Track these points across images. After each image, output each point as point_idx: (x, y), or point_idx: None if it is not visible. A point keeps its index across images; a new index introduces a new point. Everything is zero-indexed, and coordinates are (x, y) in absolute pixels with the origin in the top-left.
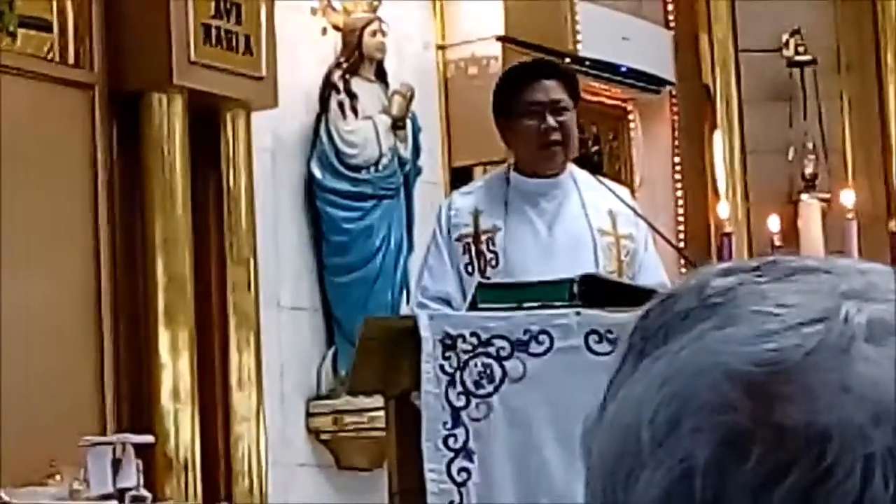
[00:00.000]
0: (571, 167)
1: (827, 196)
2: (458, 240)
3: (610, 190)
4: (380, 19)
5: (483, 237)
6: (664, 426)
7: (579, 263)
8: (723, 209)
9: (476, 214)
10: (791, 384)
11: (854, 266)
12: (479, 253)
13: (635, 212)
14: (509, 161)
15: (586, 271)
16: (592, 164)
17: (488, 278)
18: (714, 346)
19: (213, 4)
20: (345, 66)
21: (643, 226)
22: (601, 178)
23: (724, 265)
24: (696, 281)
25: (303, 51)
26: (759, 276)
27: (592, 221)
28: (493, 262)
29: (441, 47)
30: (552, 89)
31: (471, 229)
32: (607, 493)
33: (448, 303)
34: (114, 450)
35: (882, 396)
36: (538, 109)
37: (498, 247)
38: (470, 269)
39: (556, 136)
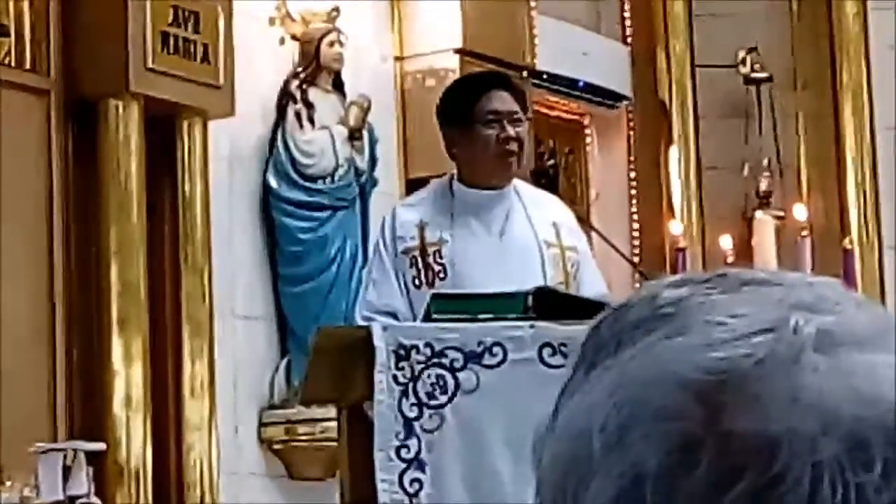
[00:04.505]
0: (514, 180)
1: (781, 213)
2: (404, 253)
3: (558, 201)
4: (338, 30)
5: (430, 250)
6: (615, 433)
7: (528, 275)
8: (676, 227)
9: (422, 227)
10: (740, 393)
11: (803, 279)
12: (427, 266)
13: (592, 227)
14: (451, 172)
15: (536, 283)
16: (549, 178)
17: (437, 291)
18: (665, 355)
19: (171, 12)
20: (302, 76)
21: (583, 236)
22: (543, 190)
23: (676, 277)
24: (647, 292)
25: (260, 60)
26: (710, 287)
27: (538, 233)
28: (441, 275)
29: (399, 59)
30: (508, 100)
31: (417, 242)
32: (558, 502)
33: (394, 316)
34: (65, 457)
35: (830, 406)
36: (496, 119)
37: (445, 259)
38: (417, 282)
39: (514, 147)
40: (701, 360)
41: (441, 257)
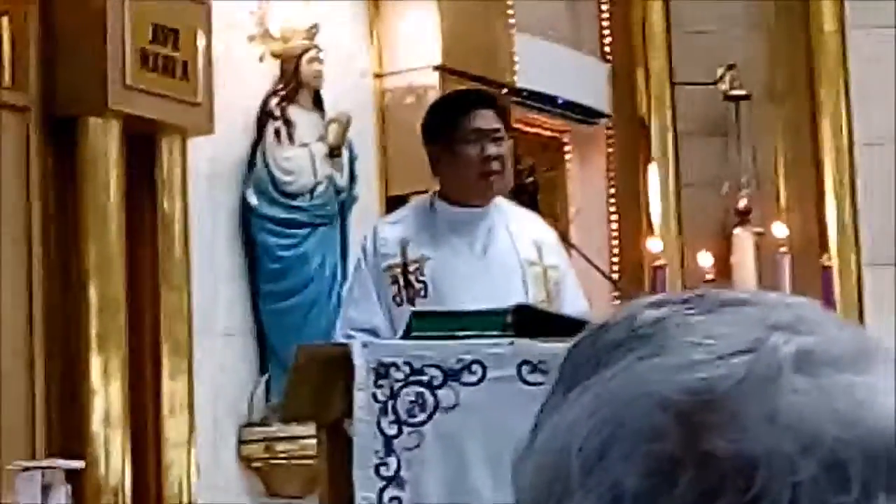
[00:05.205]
0: (496, 198)
1: (760, 230)
2: (385, 270)
3: (540, 219)
4: (317, 47)
5: (411, 267)
6: (594, 454)
7: (509, 293)
8: (655, 245)
9: (404, 244)
10: (719, 413)
11: (782, 299)
12: (408, 283)
13: (571, 244)
14: (433, 189)
15: (518, 301)
16: (528, 195)
17: (418, 308)
18: (644, 376)
19: (150, 29)
20: (282, 93)
21: (564, 254)
22: (523, 207)
23: (655, 297)
24: (626, 312)
25: (240, 77)
26: (689, 308)
27: (520, 252)
28: (423, 293)
29: (378, 76)
30: (491, 118)
31: (399, 259)
32: None
33: (375, 334)
34: (43, 475)
35: (809, 427)
36: (479, 137)
37: (427, 277)
38: (398, 299)
39: (496, 166)
40: (680, 380)
41: (422, 275)
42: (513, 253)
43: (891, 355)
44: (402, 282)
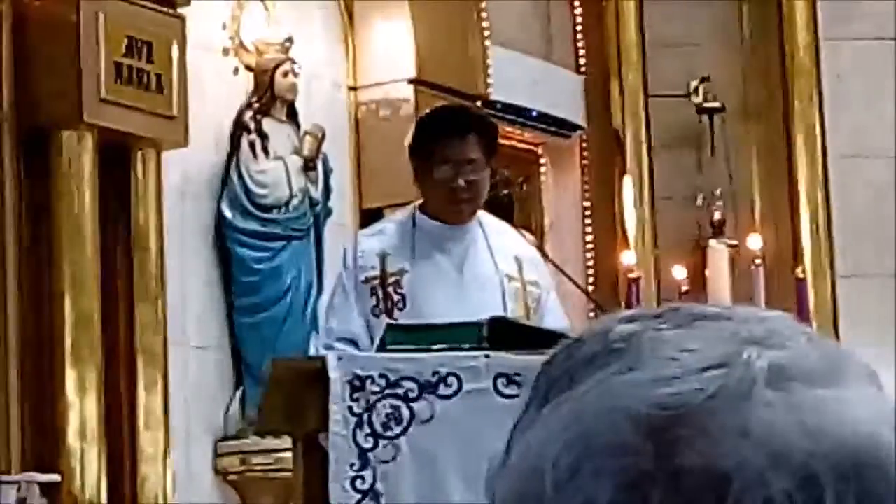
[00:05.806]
0: (478, 212)
1: (734, 242)
2: (365, 282)
3: (521, 235)
4: (292, 60)
5: (390, 280)
6: (567, 469)
7: (488, 308)
8: (629, 257)
9: (383, 257)
10: (692, 428)
11: (755, 313)
12: (387, 295)
13: (546, 257)
14: (416, 202)
15: (495, 314)
16: (503, 207)
17: (396, 321)
18: (617, 390)
19: (124, 43)
20: (256, 106)
21: (546, 271)
22: (507, 224)
23: (628, 312)
24: (600, 327)
25: (214, 90)
26: (662, 322)
27: (500, 267)
28: (401, 305)
29: (353, 89)
30: (469, 147)
31: (378, 272)
32: None
33: (355, 344)
34: (19, 488)
35: (781, 441)
36: (451, 165)
37: (405, 289)
38: (377, 311)
39: (465, 196)
40: (652, 395)
41: (401, 287)
42: (492, 267)
43: (863, 369)
44: (380, 294)
